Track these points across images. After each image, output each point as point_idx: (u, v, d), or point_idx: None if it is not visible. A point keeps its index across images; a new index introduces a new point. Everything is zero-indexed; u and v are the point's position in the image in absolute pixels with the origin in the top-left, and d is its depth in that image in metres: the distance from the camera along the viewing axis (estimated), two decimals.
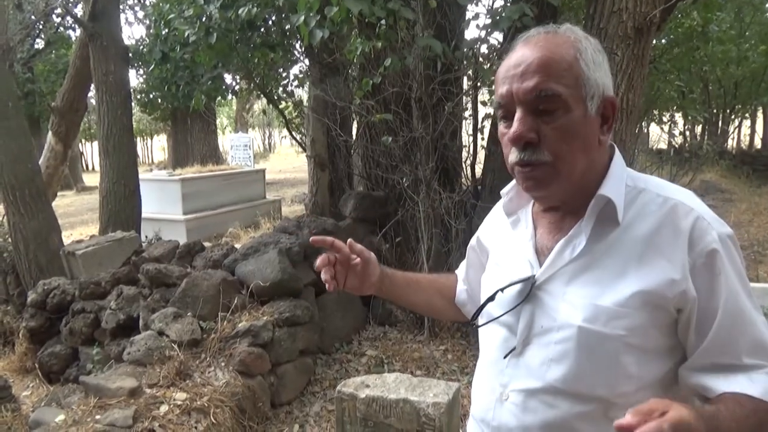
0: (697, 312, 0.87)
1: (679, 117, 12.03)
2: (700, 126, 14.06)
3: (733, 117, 14.30)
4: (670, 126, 9.97)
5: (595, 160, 0.94)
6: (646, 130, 13.01)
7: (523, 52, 0.91)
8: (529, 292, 0.96)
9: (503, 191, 1.09)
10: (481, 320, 1.08)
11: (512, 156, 0.92)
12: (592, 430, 0.90)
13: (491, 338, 1.04)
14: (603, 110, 0.93)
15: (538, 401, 0.93)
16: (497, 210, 1.17)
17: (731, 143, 15.10)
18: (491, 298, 1.02)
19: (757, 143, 15.95)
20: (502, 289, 1.00)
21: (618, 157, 0.98)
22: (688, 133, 13.39)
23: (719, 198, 9.87)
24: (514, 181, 1.07)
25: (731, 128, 14.34)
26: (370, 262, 1.16)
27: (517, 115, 0.90)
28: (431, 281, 1.36)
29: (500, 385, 0.98)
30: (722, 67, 9.41)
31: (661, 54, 6.11)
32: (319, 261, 1.11)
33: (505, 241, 1.09)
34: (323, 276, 1.11)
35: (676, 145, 10.01)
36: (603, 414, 0.89)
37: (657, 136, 10.08)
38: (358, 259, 1.15)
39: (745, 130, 16.96)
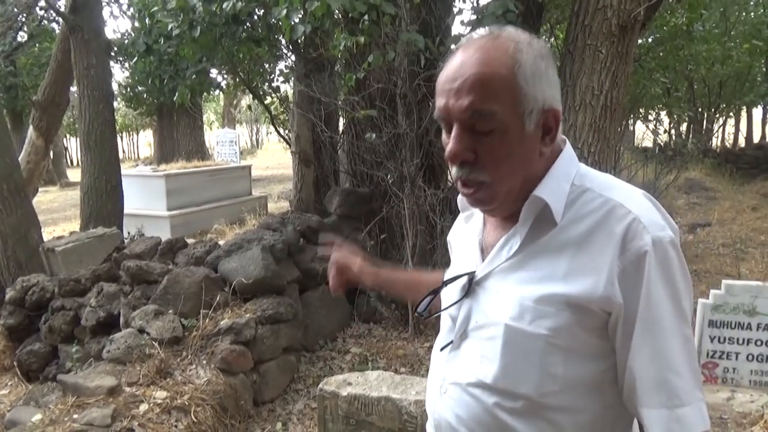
0: (623, 319, 0.84)
1: (664, 115, 12.13)
2: (685, 124, 14.18)
3: (717, 116, 14.44)
4: (655, 124, 10.05)
5: (534, 170, 0.92)
6: (631, 128, 13.10)
7: (462, 62, 0.87)
8: (469, 287, 0.96)
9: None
10: (419, 308, 1.09)
11: (453, 171, 0.91)
12: (522, 427, 0.89)
13: (441, 328, 1.06)
14: (544, 122, 0.89)
15: (469, 396, 0.93)
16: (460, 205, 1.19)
17: (715, 142, 15.25)
18: (435, 291, 1.04)
19: (741, 142, 16.12)
20: (445, 283, 1.01)
21: (565, 154, 0.95)
22: (673, 131, 13.50)
23: (703, 196, 9.97)
24: None
25: (716, 127, 14.48)
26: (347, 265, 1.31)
27: (454, 131, 0.87)
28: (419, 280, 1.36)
29: (441, 378, 1.00)
30: (707, 66, 9.48)
31: (646, 52, 6.14)
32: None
33: (462, 235, 1.10)
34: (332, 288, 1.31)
35: (661, 143, 10.09)
36: (530, 411, 0.89)
37: (642, 133, 10.15)
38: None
39: (729, 128, 17.15)
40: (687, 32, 6.15)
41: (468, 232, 1.07)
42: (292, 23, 3.45)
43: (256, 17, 5.17)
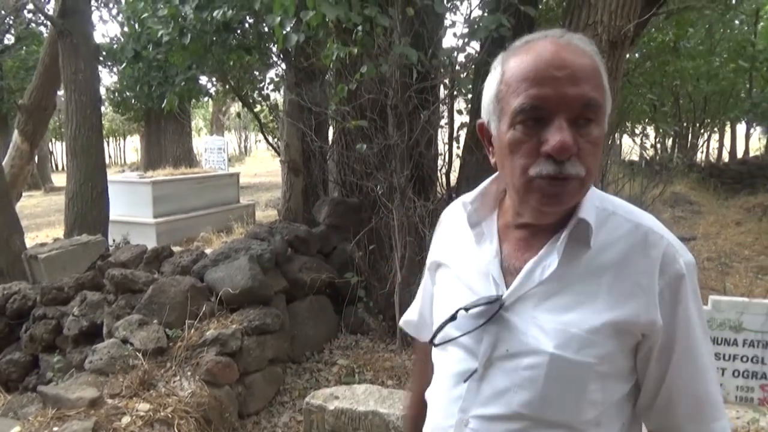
0: (661, 341, 0.87)
1: (650, 130, 12.27)
2: (671, 139, 14.36)
3: (702, 131, 14.64)
4: (641, 138, 10.16)
5: None
6: (618, 142, 13.24)
7: (561, 55, 0.83)
8: (496, 313, 0.90)
9: (466, 200, 1.02)
10: (437, 340, 0.99)
11: (543, 168, 0.83)
12: None
13: (448, 360, 0.98)
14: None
15: (501, 427, 0.89)
16: (453, 221, 1.08)
17: (700, 156, 15.46)
18: (453, 318, 0.94)
19: (725, 157, 16.36)
20: (466, 309, 0.92)
21: None
22: (659, 145, 13.66)
23: (688, 210, 10.08)
24: (479, 190, 1.02)
25: (700, 142, 14.69)
26: None
27: (559, 123, 0.81)
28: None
29: (459, 411, 0.93)
30: (693, 83, 9.62)
31: (634, 68, 6.22)
32: None
33: (466, 255, 1.00)
34: None
35: (647, 158, 10.20)
36: None
37: (629, 147, 10.27)
38: None
39: (714, 143, 17.39)
40: (674, 49, 6.25)
41: (479, 253, 0.99)
42: (285, 32, 3.44)
43: (247, 25, 5.16)
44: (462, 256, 1.02)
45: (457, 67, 4.07)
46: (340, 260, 4.65)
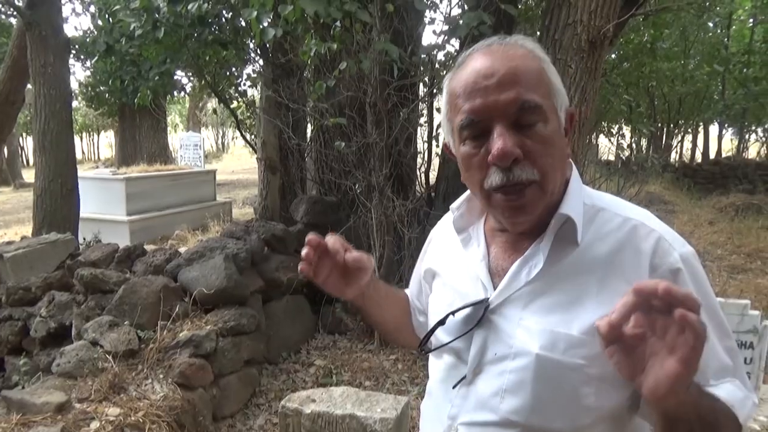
0: None
1: (626, 130, 12.43)
2: (646, 139, 14.58)
3: (676, 132, 14.89)
4: (617, 138, 10.28)
5: (564, 176, 0.89)
6: (595, 142, 13.39)
7: (490, 63, 0.84)
8: (482, 316, 0.88)
9: (453, 206, 1.01)
10: (430, 345, 0.99)
11: (492, 179, 0.83)
12: None
13: (439, 366, 0.97)
14: (567, 122, 0.89)
15: None
16: (442, 228, 1.09)
17: (674, 157, 15.72)
18: (441, 323, 0.93)
19: (698, 158, 16.67)
20: (453, 313, 0.91)
21: (575, 173, 0.93)
22: (634, 145, 13.85)
23: (662, 209, 10.22)
24: (464, 196, 1.00)
25: (674, 142, 14.93)
26: (366, 270, 1.02)
27: (498, 130, 0.81)
28: (401, 298, 1.24)
29: (448, 418, 0.91)
30: (668, 84, 9.76)
31: (611, 68, 6.27)
32: (308, 240, 0.96)
33: (455, 261, 1.00)
34: (303, 254, 0.96)
35: (623, 158, 10.33)
36: None
37: (606, 147, 10.37)
38: (348, 259, 0.98)
39: (687, 144, 17.71)
40: (650, 50, 6.31)
41: (467, 257, 0.98)
42: (262, 26, 3.36)
43: (223, 19, 5.05)
44: (451, 262, 1.02)
45: (437, 65, 4.04)
46: None
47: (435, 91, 4.49)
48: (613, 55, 6.48)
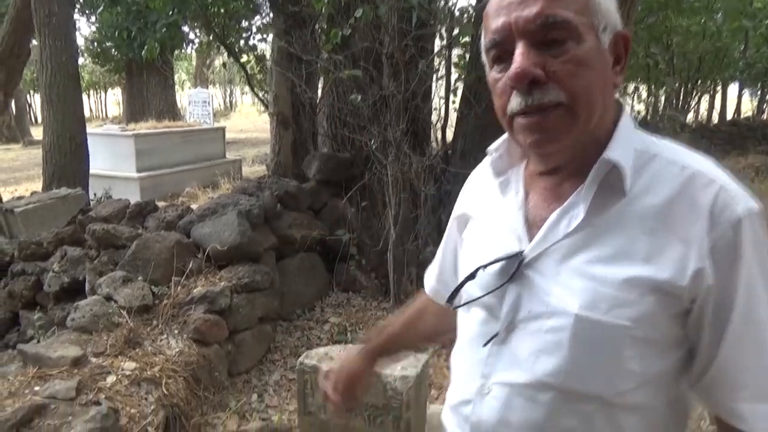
0: (714, 303, 0.72)
1: (643, 90, 12.11)
2: (663, 99, 14.23)
3: (694, 91, 14.50)
4: (634, 97, 10.01)
5: (608, 108, 0.78)
6: None
7: None
8: (516, 270, 0.80)
9: (491, 147, 0.92)
10: (459, 300, 0.92)
11: (513, 103, 0.76)
12: (584, 431, 0.77)
13: (470, 321, 0.89)
14: (615, 47, 0.77)
15: (524, 398, 0.79)
16: (481, 172, 1.00)
17: (691, 117, 15.37)
18: (471, 276, 0.86)
19: (715, 118, 16.30)
20: (484, 267, 0.84)
21: (627, 115, 0.82)
22: (650, 107, 13.53)
23: None
24: (504, 137, 0.90)
25: (692, 102, 14.56)
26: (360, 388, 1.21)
27: (518, 49, 0.73)
28: (421, 311, 1.21)
29: (481, 376, 0.84)
30: (693, 39, 9.40)
31: (638, 22, 6.01)
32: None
33: (491, 209, 0.91)
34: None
35: (638, 116, 10.08)
36: (599, 413, 0.76)
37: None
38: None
39: (704, 105, 17.30)
40: (677, 3, 6.04)
41: (504, 204, 0.89)
42: None
43: None
44: (487, 209, 0.93)
45: (457, 14, 3.85)
46: (331, 217, 4.52)
47: (452, 43, 4.31)
48: (638, 8, 6.22)
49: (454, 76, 4.46)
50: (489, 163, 0.92)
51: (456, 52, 4.62)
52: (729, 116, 15.91)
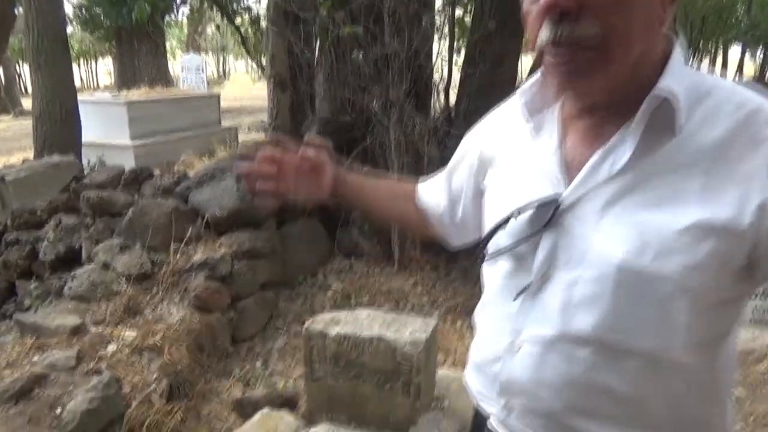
0: None
1: None
2: None
3: (696, 53, 14.28)
4: None
5: (652, 44, 0.69)
6: None
7: None
8: (551, 216, 0.72)
9: (522, 88, 0.82)
10: (488, 252, 0.83)
11: (542, 35, 0.68)
12: (625, 390, 0.70)
13: (496, 274, 0.82)
14: None
15: (559, 354, 0.73)
16: (505, 113, 0.91)
17: None
18: (504, 223, 0.78)
19: None
20: (517, 213, 0.76)
21: (679, 50, 0.73)
22: None
23: None
24: (536, 76, 0.81)
25: (696, 64, 14.35)
26: (323, 163, 1.01)
27: None
28: (394, 184, 1.15)
29: (512, 332, 0.77)
30: None
31: None
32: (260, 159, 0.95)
33: (520, 152, 0.83)
34: (258, 187, 0.96)
35: None
36: (642, 371, 0.69)
37: None
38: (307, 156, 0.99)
39: (705, 68, 17.08)
40: None
41: (537, 146, 0.80)
42: None
43: None
44: (515, 152, 0.84)
45: None
46: None
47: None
48: None
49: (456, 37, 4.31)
50: (522, 103, 0.82)
51: (459, 12, 4.46)
52: (730, 78, 15.74)
